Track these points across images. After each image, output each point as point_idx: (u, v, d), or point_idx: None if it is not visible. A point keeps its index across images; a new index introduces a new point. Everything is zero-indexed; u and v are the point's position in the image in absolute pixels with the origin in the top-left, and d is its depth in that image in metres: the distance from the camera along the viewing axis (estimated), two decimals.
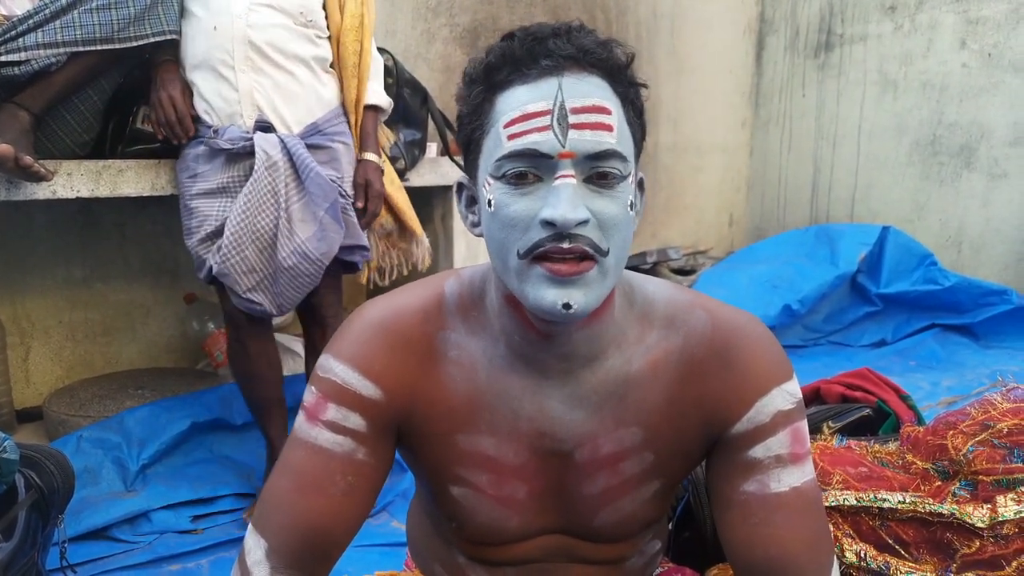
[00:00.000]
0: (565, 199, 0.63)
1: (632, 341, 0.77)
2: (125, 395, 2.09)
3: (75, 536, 1.57)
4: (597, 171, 0.65)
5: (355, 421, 0.75)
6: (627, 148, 0.68)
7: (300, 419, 0.77)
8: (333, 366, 0.76)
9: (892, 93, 3.73)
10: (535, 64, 0.66)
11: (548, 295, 0.65)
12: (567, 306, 0.65)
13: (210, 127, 1.65)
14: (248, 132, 1.63)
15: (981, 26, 3.40)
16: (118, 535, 1.66)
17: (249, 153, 1.62)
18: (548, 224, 0.64)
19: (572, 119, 0.65)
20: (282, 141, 1.63)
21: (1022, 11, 3.27)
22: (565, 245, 0.64)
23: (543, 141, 0.64)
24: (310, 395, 0.77)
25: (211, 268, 1.63)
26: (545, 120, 0.65)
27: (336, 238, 1.68)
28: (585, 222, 0.64)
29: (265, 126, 1.64)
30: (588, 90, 0.66)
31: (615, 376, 0.76)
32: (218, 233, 1.64)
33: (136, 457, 1.86)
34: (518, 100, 0.66)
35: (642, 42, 3.72)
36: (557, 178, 0.65)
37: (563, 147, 0.64)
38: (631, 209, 0.68)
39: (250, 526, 0.77)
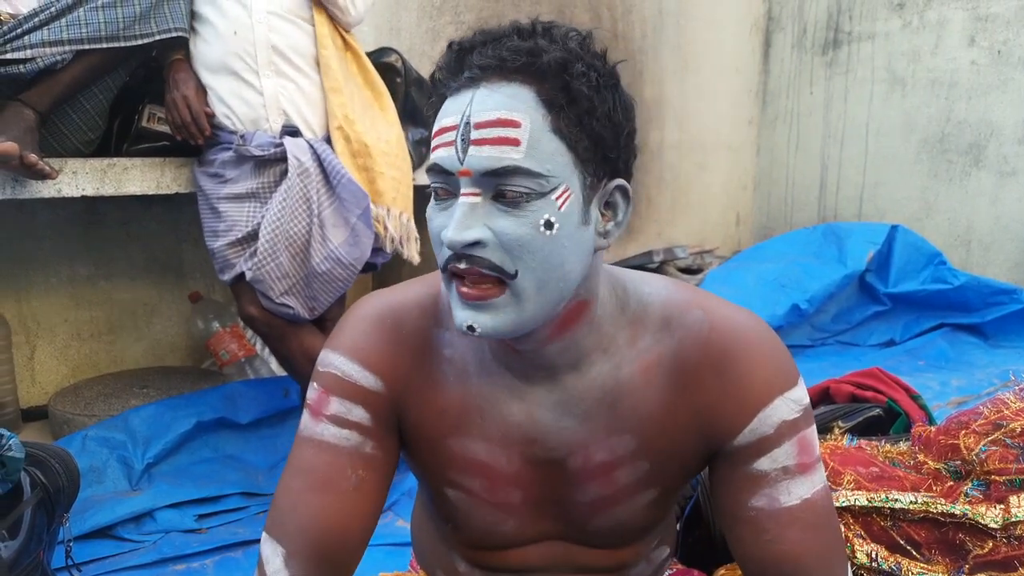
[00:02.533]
0: (455, 220, 0.63)
1: (622, 345, 0.74)
2: (130, 394, 2.09)
3: (80, 535, 1.56)
4: (500, 189, 0.63)
5: (359, 414, 0.74)
6: (546, 163, 0.62)
7: (305, 417, 0.76)
8: (333, 359, 0.76)
9: (900, 91, 3.71)
10: (460, 75, 0.65)
11: (459, 315, 0.66)
12: (471, 328, 0.65)
13: (234, 132, 1.64)
14: (276, 138, 1.63)
15: (990, 23, 3.37)
16: (123, 534, 1.66)
17: (279, 159, 1.62)
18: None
19: (474, 134, 0.62)
20: (311, 147, 1.63)
21: None
22: (462, 266, 0.63)
23: (446, 157, 0.64)
24: (312, 391, 0.76)
25: (241, 273, 1.63)
26: (452, 136, 0.63)
27: (368, 243, 1.68)
28: (479, 243, 0.63)
29: (292, 131, 1.64)
30: (498, 102, 0.62)
31: (603, 382, 0.74)
32: (248, 238, 1.64)
33: (141, 456, 1.86)
34: (441, 113, 0.66)
35: (648, 40, 3.70)
36: (460, 196, 0.64)
37: (461, 164, 0.63)
38: (547, 228, 0.63)
39: (264, 533, 0.75)
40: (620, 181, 0.69)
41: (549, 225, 0.63)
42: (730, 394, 0.71)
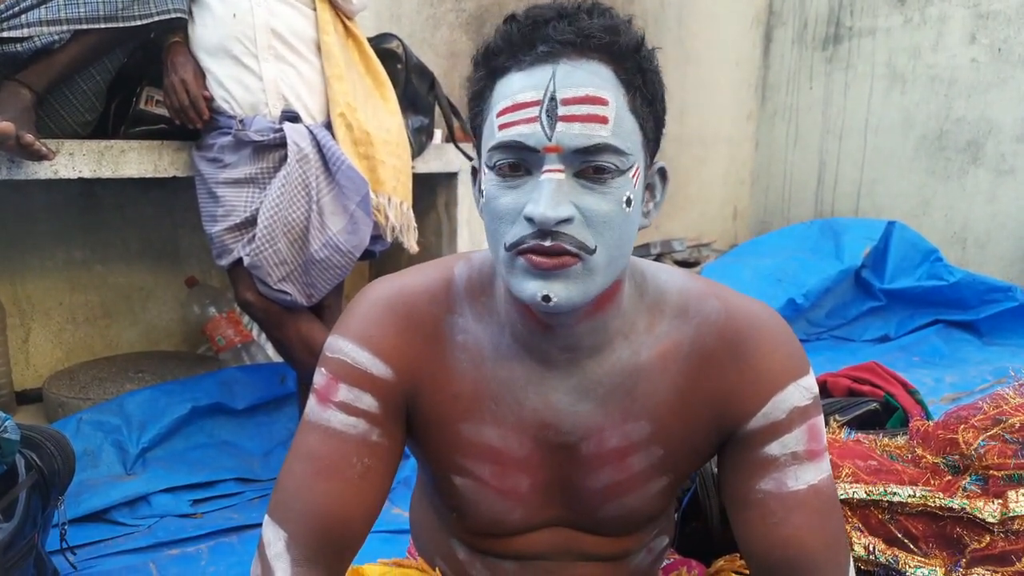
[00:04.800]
0: (546, 196, 0.61)
1: (641, 331, 0.75)
2: (125, 378, 2.08)
3: (75, 518, 1.56)
4: (588, 166, 0.63)
5: (367, 402, 0.73)
6: (627, 141, 0.64)
7: (312, 402, 0.75)
8: (343, 345, 0.75)
9: (900, 87, 3.71)
10: (532, 50, 0.63)
11: (529, 287, 0.64)
12: (547, 298, 0.63)
13: (232, 117, 1.63)
14: (275, 123, 1.61)
15: (991, 20, 3.37)
16: (118, 518, 1.66)
17: (278, 144, 1.60)
18: (531, 220, 0.62)
19: (562, 111, 0.61)
20: (311, 132, 1.61)
21: None
22: (547, 243, 0.62)
23: (530, 134, 0.62)
24: (320, 377, 0.75)
25: (239, 258, 1.63)
26: (534, 111, 0.62)
27: (366, 231, 1.67)
28: (568, 220, 0.62)
29: (292, 116, 1.63)
30: (583, 78, 0.62)
31: (622, 367, 0.74)
32: (246, 224, 1.62)
33: (136, 440, 1.85)
34: (511, 88, 0.64)
35: (648, 32, 3.64)
36: (543, 172, 0.63)
37: (550, 141, 0.62)
38: (627, 205, 0.65)
39: (267, 517, 0.75)
40: (661, 163, 0.71)
41: (628, 202, 0.65)
42: (746, 379, 0.73)
